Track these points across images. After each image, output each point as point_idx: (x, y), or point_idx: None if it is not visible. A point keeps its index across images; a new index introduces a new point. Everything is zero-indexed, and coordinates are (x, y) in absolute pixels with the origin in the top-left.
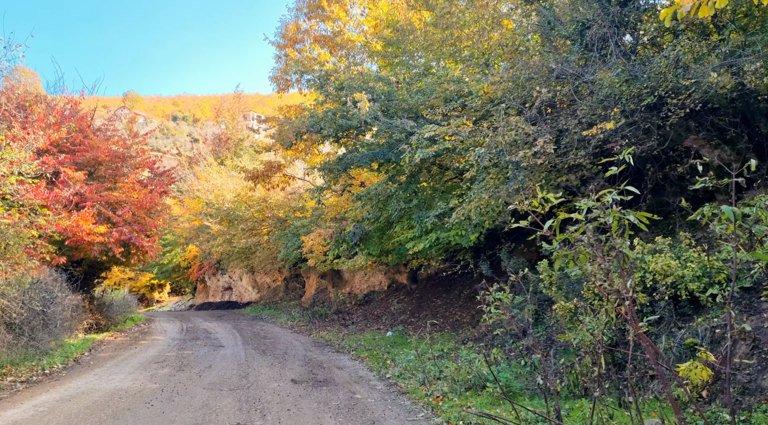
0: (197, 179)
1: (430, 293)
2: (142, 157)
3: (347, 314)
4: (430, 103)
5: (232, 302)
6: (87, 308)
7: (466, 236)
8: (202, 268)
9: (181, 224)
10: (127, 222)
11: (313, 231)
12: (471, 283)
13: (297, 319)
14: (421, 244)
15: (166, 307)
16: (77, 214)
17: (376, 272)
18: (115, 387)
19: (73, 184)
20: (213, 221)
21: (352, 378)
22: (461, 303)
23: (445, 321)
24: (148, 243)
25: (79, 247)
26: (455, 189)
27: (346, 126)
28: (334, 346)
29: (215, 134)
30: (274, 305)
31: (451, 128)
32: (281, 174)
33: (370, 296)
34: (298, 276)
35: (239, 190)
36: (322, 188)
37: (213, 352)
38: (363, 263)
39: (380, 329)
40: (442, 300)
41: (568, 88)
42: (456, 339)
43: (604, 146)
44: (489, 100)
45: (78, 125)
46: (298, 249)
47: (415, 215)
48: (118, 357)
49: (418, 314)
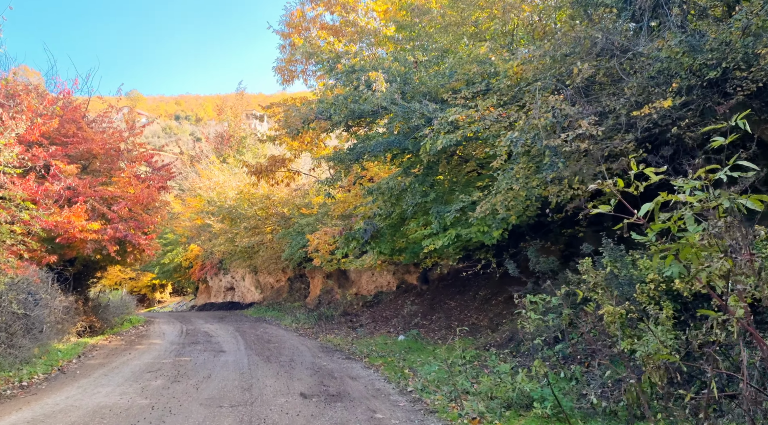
0: (199, 177)
1: (442, 295)
2: (139, 150)
3: (355, 316)
4: (451, 86)
5: (235, 303)
6: (81, 310)
7: (488, 233)
8: (203, 268)
9: (182, 222)
10: (123, 219)
11: (318, 229)
12: (487, 284)
13: (302, 321)
14: (439, 241)
15: (168, 308)
16: (69, 210)
17: (384, 273)
18: (98, 403)
19: (64, 178)
20: (215, 220)
21: (369, 391)
22: (477, 305)
23: (460, 324)
24: (145, 241)
25: (71, 245)
26: (476, 182)
27: (359, 112)
28: (344, 352)
29: (218, 132)
30: (277, 307)
31: (478, 112)
32: (286, 169)
33: (378, 297)
34: (303, 276)
35: (242, 187)
36: (332, 179)
37: (213, 359)
38: (372, 262)
39: (391, 332)
40: (456, 302)
41: (612, 64)
42: (475, 344)
43: (653, 129)
44: (517, 82)
45: (71, 116)
46: (303, 248)
47: (432, 210)
48: (109, 364)
49: (431, 316)
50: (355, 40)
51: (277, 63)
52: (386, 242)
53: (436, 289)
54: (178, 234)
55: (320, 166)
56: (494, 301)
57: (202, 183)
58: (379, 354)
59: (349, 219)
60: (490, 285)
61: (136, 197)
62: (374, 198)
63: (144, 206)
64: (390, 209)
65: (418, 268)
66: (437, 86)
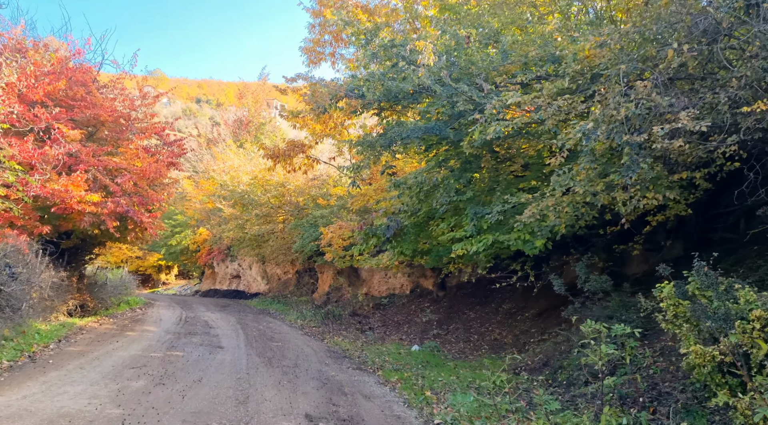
0: (214, 160)
1: (461, 304)
2: (150, 121)
3: (364, 318)
4: (505, 69)
5: (239, 292)
6: (74, 288)
7: (531, 242)
8: (211, 253)
9: (193, 205)
10: (127, 193)
11: (333, 223)
12: (512, 297)
13: (308, 318)
14: (472, 246)
15: (172, 290)
16: (67, 178)
17: (398, 274)
18: (58, 409)
19: (66, 143)
20: (226, 204)
21: (387, 418)
22: (500, 319)
23: (480, 338)
24: (148, 219)
25: (68, 216)
26: (518, 183)
27: (396, 92)
28: (354, 360)
29: (237, 116)
30: (283, 300)
31: (542, 98)
32: (304, 156)
33: (390, 299)
34: (311, 270)
35: (256, 172)
36: (359, 165)
37: (209, 356)
38: (389, 262)
39: (403, 339)
40: (475, 313)
41: (716, 49)
42: (501, 365)
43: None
44: (589, 68)
45: (81, 78)
46: (316, 241)
47: (468, 211)
48: (90, 353)
49: (447, 326)
50: (391, 22)
51: (304, 43)
52: (409, 242)
53: (454, 297)
54: (188, 216)
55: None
56: (519, 316)
57: (216, 166)
58: (393, 367)
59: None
60: (514, 298)
61: (142, 171)
62: (400, 193)
63: (150, 182)
64: (416, 207)
65: (435, 273)
66: (488, 68)
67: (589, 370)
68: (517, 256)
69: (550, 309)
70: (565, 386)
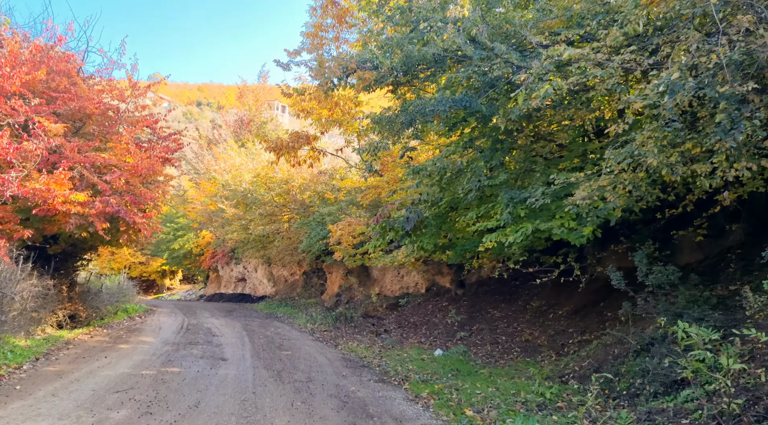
0: (215, 160)
1: (483, 302)
2: (141, 113)
3: (378, 320)
4: (546, 25)
5: (245, 295)
6: (64, 297)
7: (577, 230)
8: (215, 256)
9: (195, 207)
10: (117, 192)
11: (341, 220)
12: (541, 293)
13: (318, 322)
14: (507, 237)
15: (176, 295)
16: (48, 176)
17: (412, 272)
18: None
19: (48, 138)
20: (228, 204)
21: None
22: (529, 318)
23: (509, 340)
24: (141, 219)
25: (52, 218)
26: (559, 163)
27: (417, 59)
28: (374, 369)
29: (238, 115)
30: (291, 302)
31: (603, 50)
32: (310, 148)
33: (404, 299)
34: (319, 271)
35: (258, 170)
36: (376, 146)
37: (209, 371)
38: (405, 260)
39: (423, 342)
40: (501, 312)
41: None
42: (539, 370)
43: None
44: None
45: (63, 68)
46: (324, 240)
47: (501, 197)
48: (69, 374)
49: (470, 327)
50: None
51: (306, 28)
52: (430, 236)
53: (474, 295)
54: (190, 219)
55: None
56: (552, 315)
57: (218, 166)
58: (420, 378)
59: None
60: (544, 295)
61: (134, 168)
62: (418, 182)
63: (143, 179)
64: (437, 196)
65: (452, 269)
66: (526, 26)
67: (661, 379)
68: (556, 247)
69: (588, 306)
70: (627, 398)
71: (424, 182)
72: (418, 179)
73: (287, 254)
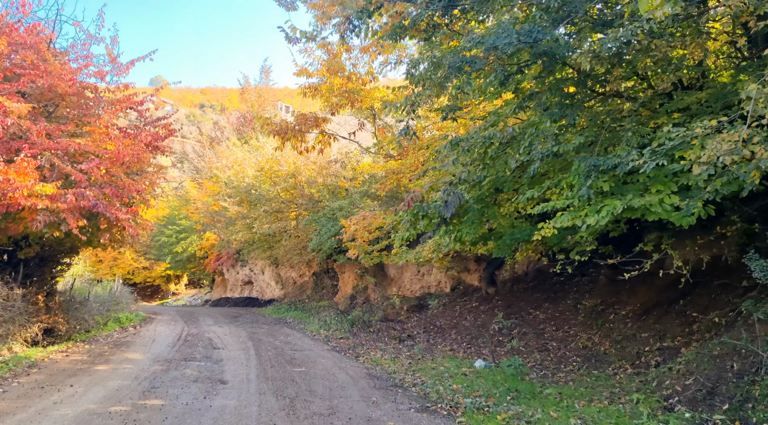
0: (217, 158)
1: (521, 301)
2: (124, 93)
3: (398, 324)
4: None
5: (252, 299)
6: (41, 307)
7: (685, 210)
8: (219, 258)
9: (198, 207)
10: (96, 183)
11: (354, 214)
12: (593, 290)
13: (333, 327)
14: (587, 218)
15: (181, 301)
16: (6, 165)
17: (433, 270)
18: None
19: (10, 120)
20: (231, 202)
21: None
22: (582, 320)
23: (562, 346)
24: (125, 215)
25: (15, 216)
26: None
27: None
28: (409, 391)
29: (240, 113)
30: (301, 306)
31: None
32: (319, 131)
33: (426, 300)
34: (330, 271)
35: (262, 163)
36: (414, 99)
37: (201, 404)
38: (432, 255)
39: (455, 350)
40: (545, 313)
41: None
42: (618, 386)
43: None
44: None
45: (30, 41)
46: (335, 236)
47: (578, 166)
48: (10, 417)
49: (510, 330)
50: None
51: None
52: (471, 224)
53: (509, 294)
54: (192, 221)
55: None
56: (612, 315)
57: (219, 163)
58: (473, 404)
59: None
60: (597, 292)
61: (115, 155)
62: (454, 158)
63: (127, 168)
64: (480, 174)
65: (480, 265)
66: None
67: None
68: (642, 231)
69: (661, 305)
70: None
71: (460, 159)
72: (454, 155)
73: (295, 253)
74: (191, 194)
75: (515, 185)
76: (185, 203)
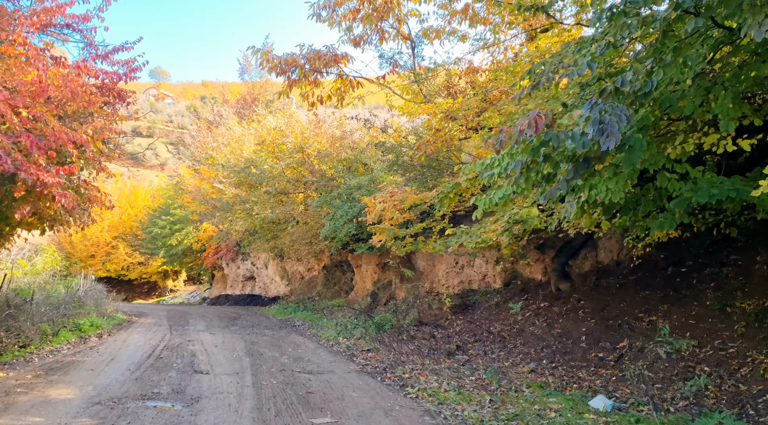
0: (214, 139)
1: (619, 302)
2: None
3: (441, 330)
4: None
5: (255, 296)
6: None
7: None
8: (218, 251)
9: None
10: (8, 131)
11: (380, 191)
12: (746, 285)
13: (356, 335)
14: None
15: (179, 298)
16: None
17: (474, 261)
18: None
19: None
20: (228, 183)
21: None
22: (745, 332)
23: (725, 374)
24: (54, 178)
25: None
26: None
27: None
28: None
29: (240, 94)
30: (310, 304)
31: None
32: (338, 74)
33: (469, 298)
34: (343, 264)
35: (263, 135)
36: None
37: None
38: (503, 237)
39: (537, 373)
40: (667, 320)
41: None
42: None
43: None
44: None
45: None
46: (355, 220)
47: None
48: None
49: (613, 344)
50: None
51: None
52: (619, 174)
53: (594, 291)
54: (188, 211)
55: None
56: None
57: (215, 143)
58: None
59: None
60: (754, 289)
61: (38, 87)
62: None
63: (59, 109)
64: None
65: (544, 254)
66: None
67: None
68: None
69: None
70: None
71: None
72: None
73: (304, 243)
74: (186, 181)
75: (698, 104)
76: (180, 191)
